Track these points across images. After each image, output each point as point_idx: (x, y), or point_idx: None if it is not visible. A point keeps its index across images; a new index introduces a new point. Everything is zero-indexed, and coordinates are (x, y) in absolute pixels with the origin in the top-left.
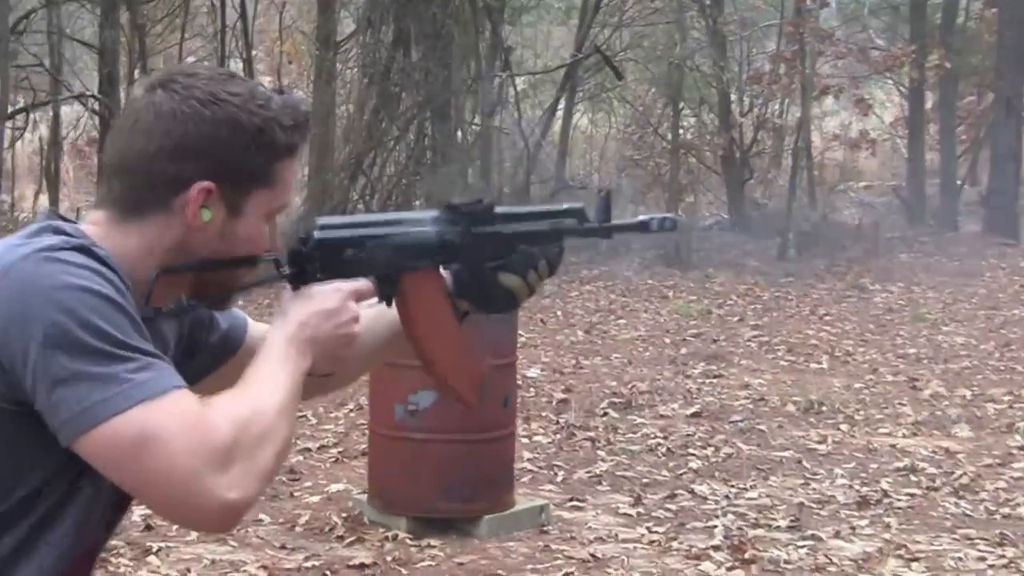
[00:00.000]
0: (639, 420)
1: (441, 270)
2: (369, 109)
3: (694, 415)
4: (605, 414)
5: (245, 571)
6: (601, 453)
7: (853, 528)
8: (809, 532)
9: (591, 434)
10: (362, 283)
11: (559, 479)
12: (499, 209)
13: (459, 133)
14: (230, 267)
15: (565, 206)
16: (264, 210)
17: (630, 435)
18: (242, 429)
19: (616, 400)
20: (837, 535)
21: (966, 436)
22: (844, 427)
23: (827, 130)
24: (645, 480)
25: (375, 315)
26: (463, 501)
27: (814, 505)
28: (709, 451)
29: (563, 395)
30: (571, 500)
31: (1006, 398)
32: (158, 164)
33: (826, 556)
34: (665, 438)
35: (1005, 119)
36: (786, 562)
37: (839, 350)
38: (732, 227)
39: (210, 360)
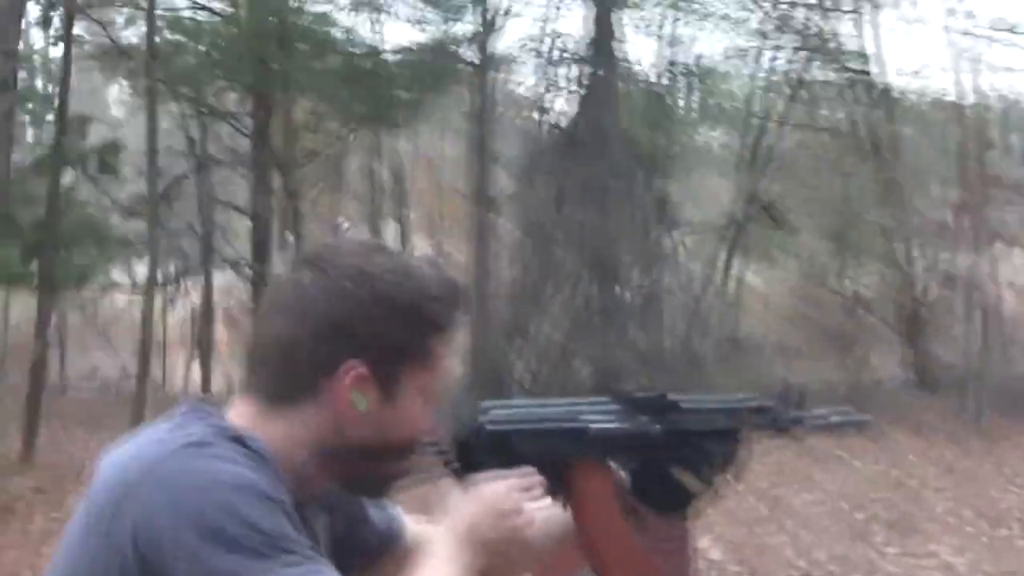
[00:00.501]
0: None
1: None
2: (529, 267)
3: None
4: None
5: None
6: None
7: None
8: None
9: None
10: (534, 478)
11: None
12: (681, 402)
13: (622, 291)
14: (387, 455)
15: (750, 400)
16: (421, 392)
17: None
18: None
19: (793, 574)
20: None
21: None
22: None
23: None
24: None
25: (548, 517)
26: None
27: None
28: None
29: (744, 571)
30: None
31: None
32: (307, 348)
33: None
34: None
35: None
36: None
37: None
38: (916, 386)
39: (365, 560)
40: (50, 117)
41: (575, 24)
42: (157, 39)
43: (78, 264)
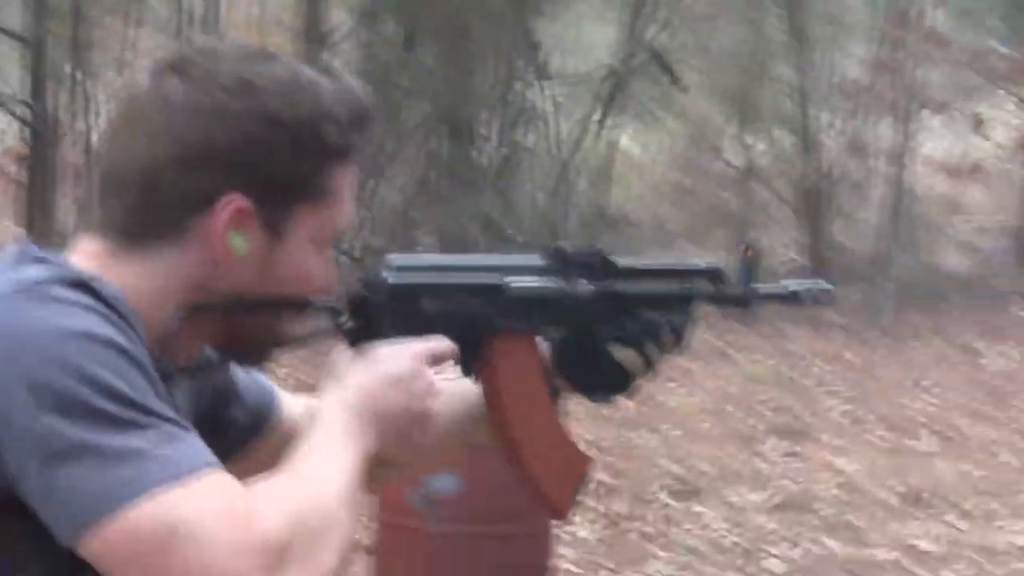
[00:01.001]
0: (702, 509)
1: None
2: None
3: (770, 504)
4: (661, 502)
5: None
6: (657, 550)
7: None
8: None
9: (644, 528)
10: (442, 344)
11: None
12: (620, 261)
13: (478, 154)
14: (270, 311)
15: (702, 264)
16: (314, 234)
17: (691, 527)
18: (298, 523)
19: (673, 484)
20: None
21: None
22: (958, 522)
23: (925, 156)
24: None
25: (457, 389)
26: None
27: None
28: (791, 550)
29: (611, 479)
30: None
31: None
32: (172, 176)
33: None
34: (735, 532)
35: None
36: None
37: (946, 426)
38: (812, 274)
39: (233, 441)
40: None
41: None
42: None
43: None
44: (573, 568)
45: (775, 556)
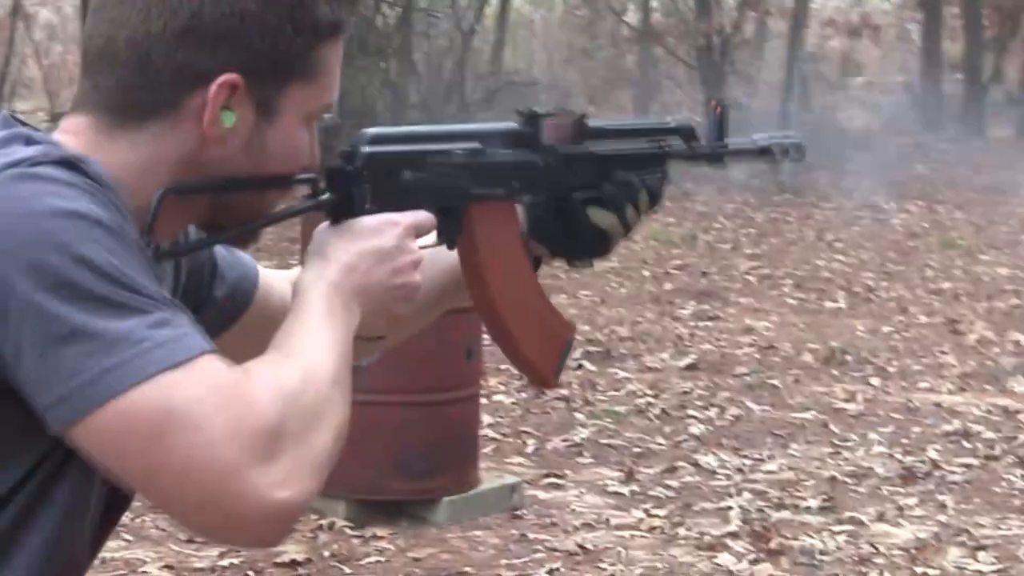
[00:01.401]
0: (622, 374)
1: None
2: None
3: (689, 367)
4: (579, 366)
5: (144, 572)
6: (579, 416)
7: (900, 509)
8: (847, 514)
9: (565, 392)
10: (422, 215)
11: (529, 450)
12: (589, 122)
13: (373, 14)
14: (257, 189)
15: (672, 121)
16: (303, 111)
17: (612, 393)
18: (291, 404)
19: (591, 349)
20: (881, 518)
21: None
22: (875, 381)
23: (817, 13)
24: (637, 449)
25: (431, 258)
26: (417, 479)
27: (848, 480)
28: (712, 412)
29: None
30: (547, 476)
31: None
32: (166, 51)
33: (871, 544)
34: (656, 396)
35: None
36: (822, 552)
37: (857, 285)
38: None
39: (215, 321)
40: None
41: None
42: None
43: None
44: (498, 436)
45: (697, 419)
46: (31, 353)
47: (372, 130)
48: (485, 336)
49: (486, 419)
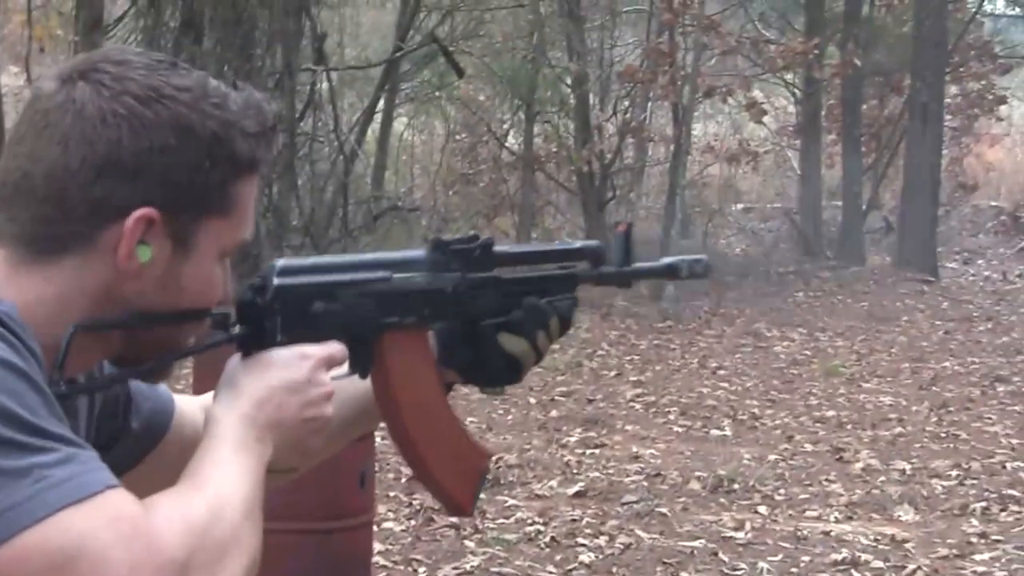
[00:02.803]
0: (511, 501)
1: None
2: None
3: (578, 495)
4: None
5: None
6: (469, 544)
7: None
8: None
9: (454, 519)
10: (334, 347)
11: None
12: (497, 248)
13: None
14: (171, 324)
15: (579, 244)
16: (218, 246)
17: (502, 520)
18: (199, 538)
19: None
20: None
21: (912, 520)
22: (763, 509)
23: (697, 140)
24: None
25: (342, 386)
26: None
27: None
28: (602, 540)
29: None
30: None
31: (953, 473)
32: (80, 184)
33: None
34: (545, 524)
35: (921, 129)
36: None
37: (743, 412)
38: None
39: (130, 452)
40: None
41: None
42: None
43: None
44: (388, 564)
45: (587, 547)
46: None
47: (281, 261)
48: (376, 462)
49: (377, 546)
